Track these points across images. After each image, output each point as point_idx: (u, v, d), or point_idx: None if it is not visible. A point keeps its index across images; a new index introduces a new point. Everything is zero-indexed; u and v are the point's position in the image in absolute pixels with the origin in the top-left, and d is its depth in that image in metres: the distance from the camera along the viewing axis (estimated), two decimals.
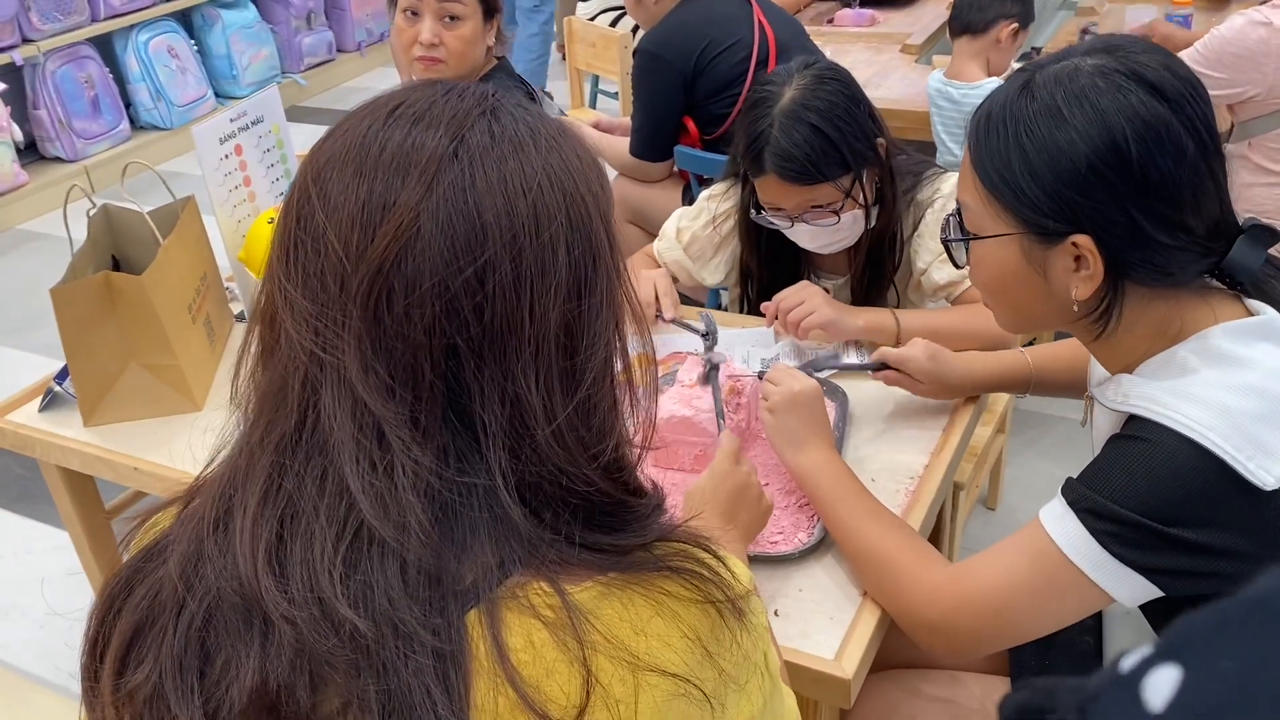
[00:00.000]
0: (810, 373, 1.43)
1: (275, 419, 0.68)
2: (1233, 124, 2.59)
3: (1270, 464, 0.92)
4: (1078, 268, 1.02)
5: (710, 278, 1.95)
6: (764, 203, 1.71)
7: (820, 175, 1.61)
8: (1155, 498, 0.95)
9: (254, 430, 0.69)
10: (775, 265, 1.85)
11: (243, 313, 1.98)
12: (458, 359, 0.66)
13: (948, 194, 1.70)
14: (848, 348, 1.72)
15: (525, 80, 2.31)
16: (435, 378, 0.65)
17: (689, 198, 2.71)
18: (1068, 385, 1.45)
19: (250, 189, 1.90)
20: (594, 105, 4.23)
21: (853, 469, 1.30)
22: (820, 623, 1.20)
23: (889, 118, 1.73)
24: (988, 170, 1.04)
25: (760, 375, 1.46)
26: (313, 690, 0.62)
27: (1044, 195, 1.00)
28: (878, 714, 1.33)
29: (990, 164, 1.03)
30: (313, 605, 0.63)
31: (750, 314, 1.92)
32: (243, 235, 1.86)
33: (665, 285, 1.83)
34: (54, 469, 1.79)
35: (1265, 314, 1.01)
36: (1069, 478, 1.03)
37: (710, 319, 1.60)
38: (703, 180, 2.66)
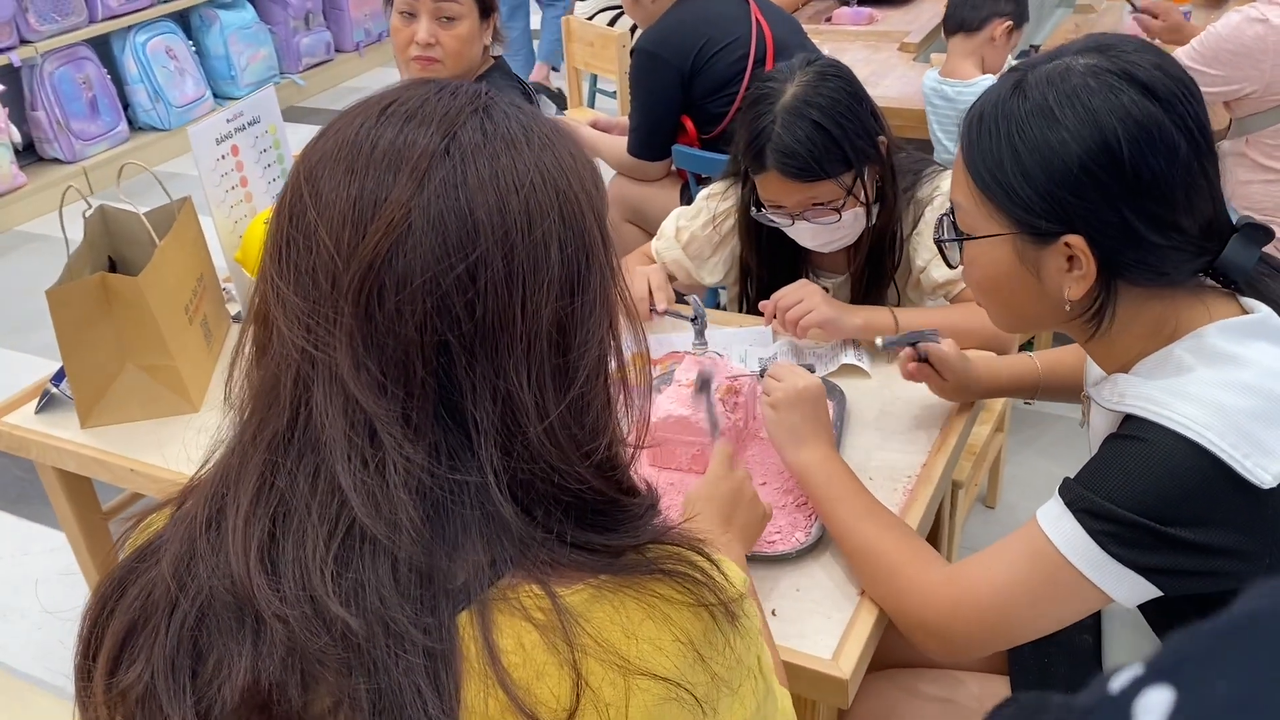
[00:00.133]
0: (813, 370, 1.43)
1: (267, 417, 0.68)
2: (1230, 121, 2.58)
3: (1267, 462, 0.92)
4: (1070, 268, 1.01)
5: (709, 277, 1.95)
6: (765, 200, 1.70)
7: (822, 172, 1.61)
8: (1153, 497, 0.94)
9: (246, 429, 0.69)
10: (775, 263, 1.85)
11: (239, 313, 1.98)
12: (449, 356, 0.65)
13: (948, 192, 1.70)
14: (845, 347, 1.71)
15: (522, 80, 2.31)
16: (427, 375, 0.65)
17: (687, 197, 2.71)
18: (1074, 390, 1.45)
19: (247, 189, 1.89)
20: (592, 104, 4.23)
21: (851, 468, 1.30)
22: (818, 622, 1.19)
23: (887, 116, 1.73)
24: (980, 170, 1.04)
25: (761, 374, 1.45)
26: (304, 689, 0.62)
27: (1036, 195, 1.00)
28: (876, 714, 1.33)
29: (982, 164, 1.03)
30: (304, 603, 0.62)
31: (749, 313, 1.91)
32: (239, 236, 1.86)
33: (659, 279, 1.83)
34: (51, 470, 1.78)
35: (1260, 312, 1.01)
36: (1066, 478, 1.03)
37: (698, 303, 1.59)
38: (701, 179, 2.66)
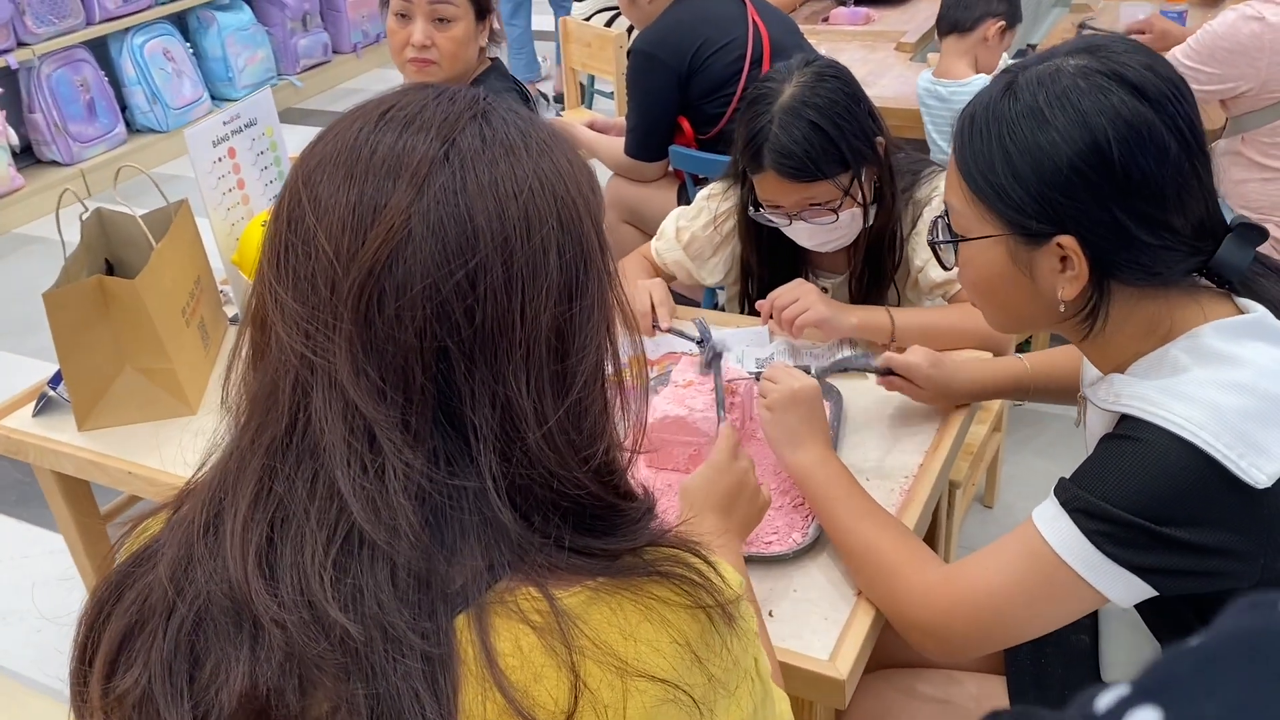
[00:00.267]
0: (811, 371, 1.43)
1: (266, 422, 0.68)
2: (1226, 119, 2.59)
3: (1262, 462, 0.92)
4: (1063, 268, 1.02)
5: (709, 277, 1.95)
6: (762, 200, 1.71)
7: (819, 173, 1.61)
8: (1148, 497, 0.95)
9: (244, 433, 0.69)
10: (775, 263, 1.85)
11: (237, 316, 1.98)
12: (449, 362, 0.65)
13: None
14: (842, 346, 1.72)
15: (519, 82, 2.31)
16: (426, 380, 0.65)
17: (684, 197, 2.71)
18: (1066, 391, 1.45)
19: (244, 192, 1.90)
20: (590, 105, 4.23)
21: (848, 468, 1.30)
22: (815, 623, 1.20)
23: (884, 116, 1.73)
24: (972, 172, 1.04)
25: (756, 376, 1.45)
26: (302, 694, 0.62)
27: (1028, 197, 1.00)
28: (873, 714, 1.33)
29: (974, 166, 1.04)
30: (303, 608, 0.62)
31: (748, 313, 1.92)
32: (236, 238, 1.86)
33: (661, 294, 1.82)
34: (49, 474, 1.78)
35: (1256, 312, 1.01)
36: (1061, 478, 1.03)
37: (704, 325, 1.59)
38: (698, 180, 2.66)
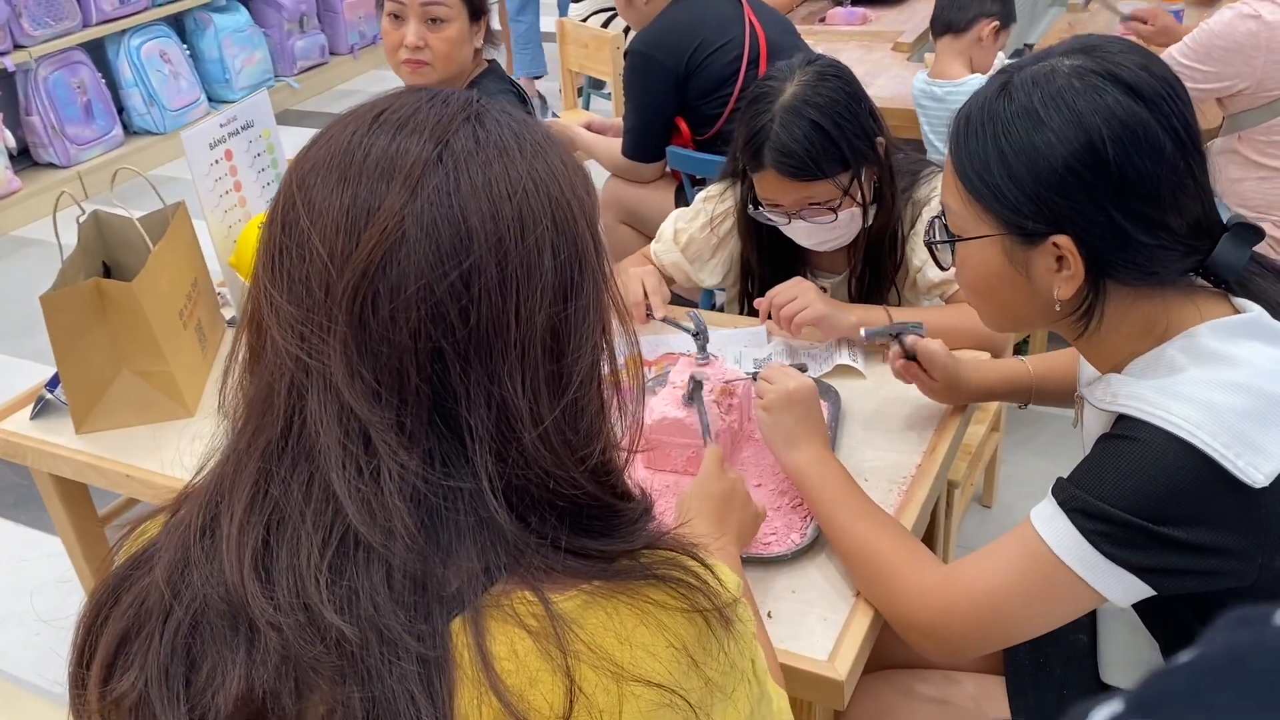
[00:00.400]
0: (805, 370, 1.42)
1: (261, 425, 0.68)
2: (1223, 118, 2.59)
3: (1259, 461, 0.92)
4: (1059, 268, 1.02)
5: (708, 279, 1.95)
6: (762, 198, 1.71)
7: (819, 171, 1.61)
8: (1145, 497, 0.95)
9: (240, 437, 0.69)
10: (774, 262, 1.85)
11: (234, 318, 1.98)
12: (443, 363, 0.65)
13: None
14: (840, 346, 1.71)
15: (515, 83, 2.31)
16: (421, 382, 0.65)
17: (682, 199, 2.71)
18: (1067, 394, 1.45)
19: (241, 194, 1.89)
20: (587, 106, 4.23)
21: (846, 468, 1.30)
22: (813, 624, 1.19)
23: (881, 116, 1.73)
24: (968, 172, 1.04)
25: (754, 376, 1.45)
26: (298, 697, 0.62)
27: (1023, 196, 1.00)
28: (871, 715, 1.33)
29: (970, 166, 1.04)
30: (299, 611, 0.62)
31: (748, 314, 1.91)
32: (234, 240, 1.86)
33: (654, 283, 1.82)
34: (47, 476, 1.78)
35: (1252, 311, 1.01)
36: (1059, 478, 1.03)
37: (699, 318, 1.59)
38: (695, 181, 2.66)
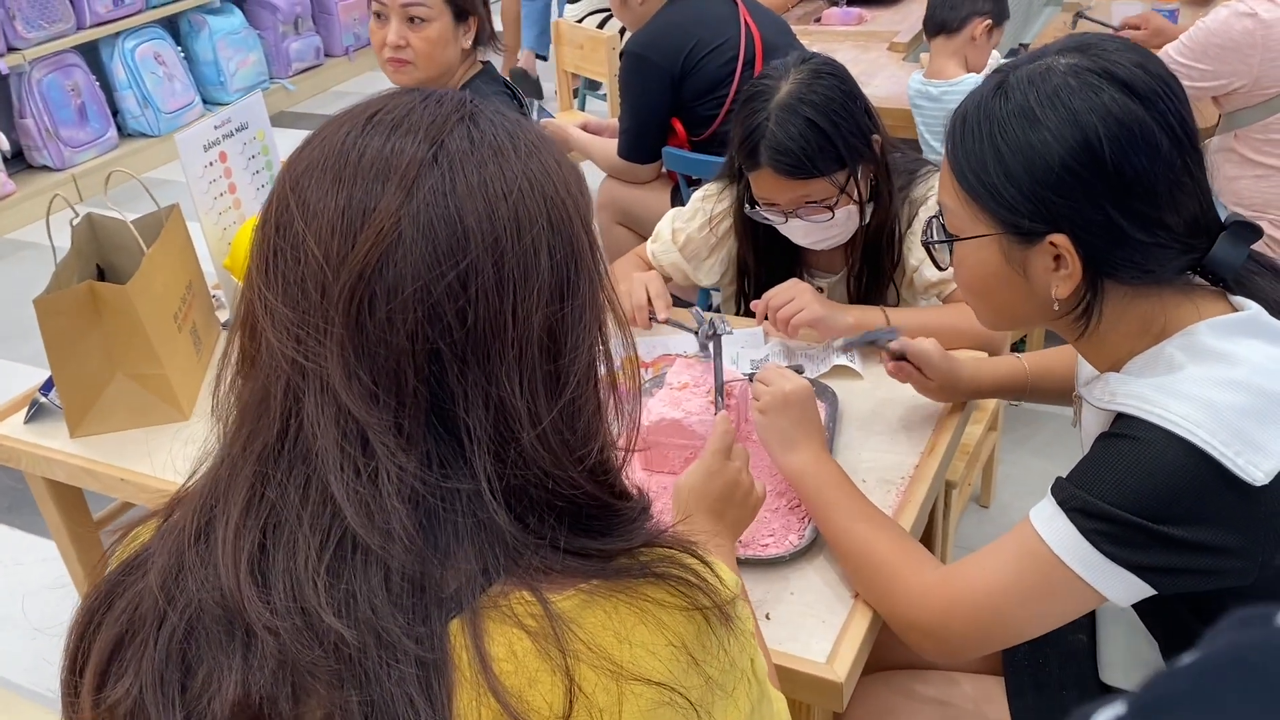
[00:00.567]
0: (802, 371, 1.42)
1: (257, 428, 0.67)
2: (1219, 116, 2.59)
3: (1259, 459, 0.92)
4: (1057, 266, 1.02)
5: (706, 279, 1.95)
6: (758, 197, 1.70)
7: (815, 169, 1.61)
8: (1145, 495, 0.94)
9: (235, 440, 0.69)
10: (771, 262, 1.85)
11: (229, 320, 1.97)
12: (441, 364, 0.65)
13: None
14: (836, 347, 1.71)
15: (510, 85, 2.30)
16: (419, 383, 0.65)
17: (678, 199, 2.71)
18: (1063, 392, 1.45)
19: (235, 196, 1.89)
20: (583, 107, 4.22)
21: (843, 469, 1.29)
22: (812, 626, 1.19)
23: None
24: (965, 172, 1.04)
25: (750, 378, 1.45)
26: (295, 702, 0.62)
27: (1020, 196, 1.00)
28: (871, 716, 1.32)
29: (967, 165, 1.04)
30: (296, 615, 0.62)
31: (745, 314, 1.91)
32: (228, 243, 1.85)
33: (657, 287, 1.82)
34: (41, 481, 1.77)
35: (1250, 309, 1.01)
36: (1058, 477, 1.03)
37: (701, 314, 1.59)
38: (691, 181, 2.66)
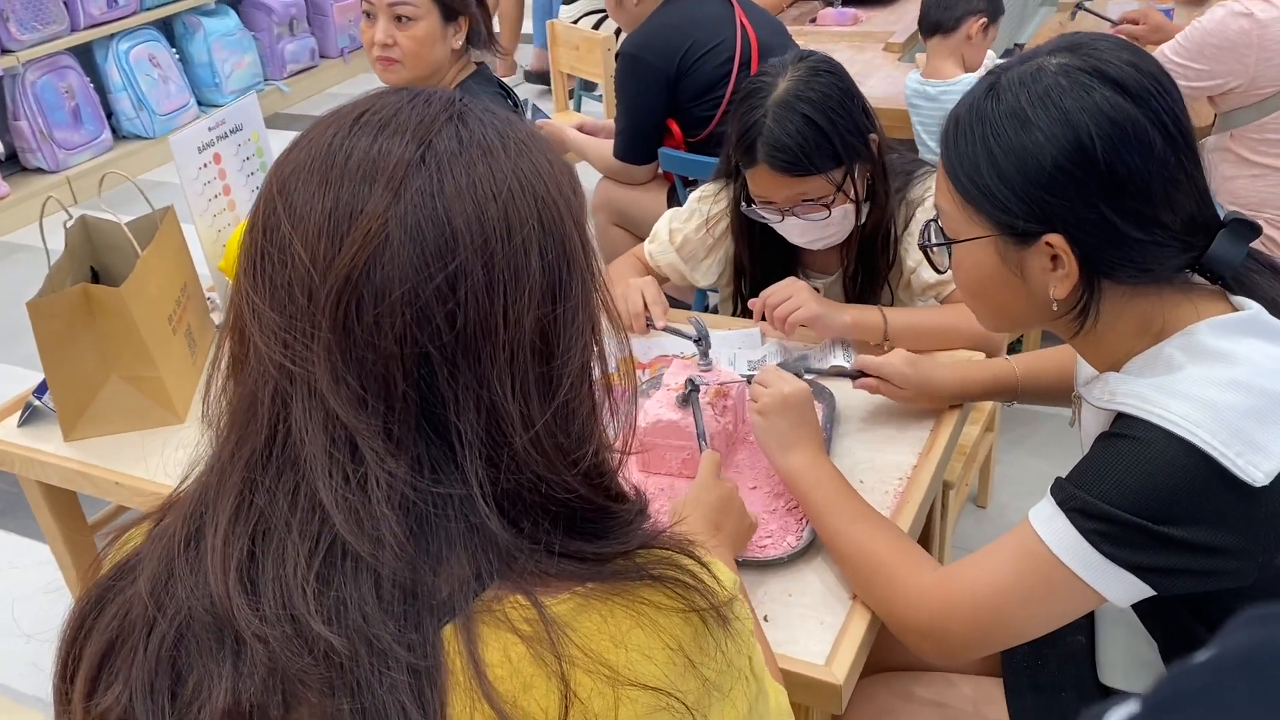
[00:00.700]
0: (799, 373, 1.42)
1: (245, 434, 0.67)
2: (1215, 116, 2.58)
3: (1259, 460, 0.91)
4: (1054, 267, 1.01)
5: (703, 279, 1.95)
6: (755, 195, 1.70)
7: (812, 167, 1.60)
8: (1145, 496, 0.94)
9: (224, 446, 0.68)
10: (768, 261, 1.85)
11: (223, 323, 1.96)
12: (430, 367, 0.64)
13: None
14: (834, 346, 1.71)
15: (504, 86, 2.29)
16: (408, 387, 0.64)
17: (674, 200, 2.70)
18: (1056, 393, 1.44)
19: (230, 198, 1.88)
20: (579, 108, 4.22)
21: (841, 470, 1.29)
22: (810, 627, 1.19)
23: None
24: (959, 175, 1.04)
25: (748, 379, 1.44)
26: (286, 710, 0.61)
27: (1014, 197, 1.00)
28: (870, 718, 1.32)
29: (961, 168, 1.04)
30: (285, 623, 0.61)
31: (742, 314, 1.91)
32: (223, 245, 1.84)
33: (654, 293, 1.81)
34: (35, 484, 1.77)
35: (1250, 309, 1.00)
36: (1058, 477, 1.03)
37: (701, 324, 1.59)
38: (688, 182, 2.65)
